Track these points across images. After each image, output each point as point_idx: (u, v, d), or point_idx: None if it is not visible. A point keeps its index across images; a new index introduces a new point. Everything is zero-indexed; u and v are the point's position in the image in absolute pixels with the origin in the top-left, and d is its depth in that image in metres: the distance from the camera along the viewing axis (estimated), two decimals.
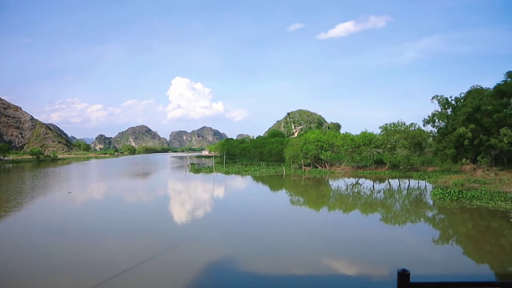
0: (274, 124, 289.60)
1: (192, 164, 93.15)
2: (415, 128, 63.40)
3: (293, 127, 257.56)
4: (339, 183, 49.50)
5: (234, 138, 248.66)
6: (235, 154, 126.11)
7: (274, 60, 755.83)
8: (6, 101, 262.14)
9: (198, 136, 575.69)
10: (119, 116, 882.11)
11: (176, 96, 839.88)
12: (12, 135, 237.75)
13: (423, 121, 57.97)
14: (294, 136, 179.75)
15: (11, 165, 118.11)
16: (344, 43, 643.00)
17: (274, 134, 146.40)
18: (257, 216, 26.47)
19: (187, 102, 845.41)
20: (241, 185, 49.97)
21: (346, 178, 55.60)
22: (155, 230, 21.65)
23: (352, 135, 69.78)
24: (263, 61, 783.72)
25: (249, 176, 59.06)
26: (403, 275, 3.07)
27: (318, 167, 68.92)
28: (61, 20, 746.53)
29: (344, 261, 15.77)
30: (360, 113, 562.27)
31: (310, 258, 15.97)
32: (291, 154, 71.70)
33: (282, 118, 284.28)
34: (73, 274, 13.85)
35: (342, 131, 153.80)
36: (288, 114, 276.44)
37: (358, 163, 67.38)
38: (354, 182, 50.42)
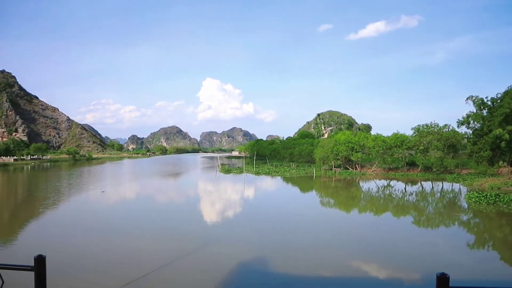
0: (304, 125, 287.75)
1: (222, 164, 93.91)
2: (449, 130, 61.53)
3: (323, 128, 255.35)
4: (370, 185, 48.70)
5: (264, 139, 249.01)
6: (265, 155, 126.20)
7: (304, 61, 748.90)
8: (45, 103, 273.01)
9: (228, 137, 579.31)
10: (151, 117, 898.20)
11: (206, 97, 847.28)
12: (50, 135, 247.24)
13: (457, 122, 56.32)
14: (324, 137, 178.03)
15: (49, 164, 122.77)
16: (374, 43, 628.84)
17: (304, 135, 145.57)
18: (287, 217, 26.36)
19: (218, 103, 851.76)
20: (271, 186, 49.99)
21: (377, 180, 54.64)
22: (186, 230, 21.96)
23: (383, 136, 68.36)
24: (292, 62, 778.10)
25: (279, 177, 59.00)
26: (442, 279, 2.98)
27: (348, 169, 68.08)
28: (94, 24, 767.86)
29: (375, 264, 15.49)
30: (391, 114, 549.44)
31: (340, 260, 15.81)
32: (321, 155, 71.12)
33: (312, 119, 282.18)
34: (106, 271, 14.27)
35: (373, 132, 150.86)
36: (318, 115, 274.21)
37: (389, 165, 65.97)
38: (386, 184, 49.48)
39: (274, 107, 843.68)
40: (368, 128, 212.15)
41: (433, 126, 62.63)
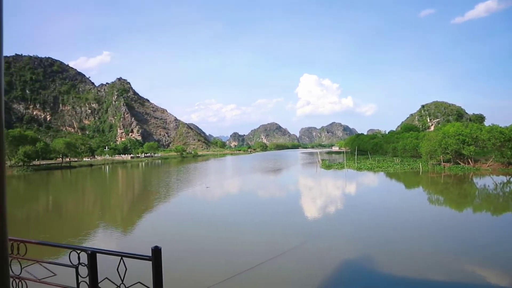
0: (407, 117, 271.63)
1: (322, 160, 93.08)
2: None
3: (428, 120, 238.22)
4: (486, 181, 44.08)
5: (365, 133, 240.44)
6: (366, 150, 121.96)
7: (405, 50, 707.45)
8: (155, 105, 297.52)
9: (327, 132, 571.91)
10: (251, 114, 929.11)
11: (304, 93, 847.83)
12: (160, 134, 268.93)
13: None
14: (430, 130, 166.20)
15: (160, 161, 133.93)
16: (485, 24, 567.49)
17: (407, 128, 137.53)
18: (391, 215, 25.08)
19: (316, 98, 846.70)
20: (373, 181, 48.17)
21: (495, 176, 49.27)
22: (287, 225, 22.16)
23: (500, 127, 61.32)
24: (392, 52, 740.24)
25: (382, 173, 56.56)
26: None
27: (460, 164, 62.44)
28: (193, 29, 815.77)
29: (494, 270, 13.95)
30: (508, 103, 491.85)
31: (451, 263, 14.48)
32: (427, 149, 66.38)
33: (415, 111, 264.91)
34: (213, 263, 15.06)
35: (486, 123, 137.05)
36: (423, 106, 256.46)
37: (509, 159, 59.13)
38: (505, 181, 44.48)
39: (375, 100, 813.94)
40: (480, 118, 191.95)
41: None
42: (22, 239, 4.96)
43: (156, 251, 3.94)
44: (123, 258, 4.18)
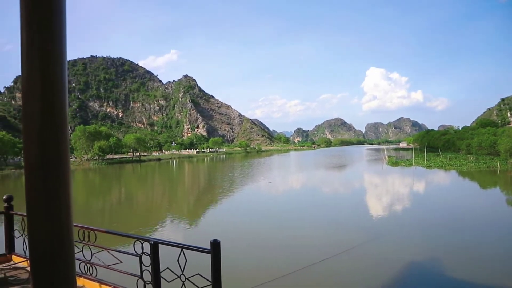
0: (484, 112, 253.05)
1: (389, 156, 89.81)
2: None
3: (508, 114, 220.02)
4: None
5: (435, 129, 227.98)
6: (437, 147, 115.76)
7: (478, 38, 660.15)
8: (220, 101, 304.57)
9: (394, 128, 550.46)
10: (315, 110, 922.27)
11: (371, 87, 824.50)
12: (224, 130, 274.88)
13: None
14: (510, 125, 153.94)
15: (224, 156, 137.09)
16: None
17: (484, 123, 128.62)
18: (463, 217, 23.36)
19: (383, 92, 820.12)
20: (444, 180, 45.44)
21: None
22: (350, 223, 21.67)
23: None
24: (465, 41, 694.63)
25: (454, 171, 53.22)
26: None
27: None
28: (257, 25, 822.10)
29: None
30: None
31: None
32: (507, 146, 61.48)
33: (494, 105, 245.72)
34: (273, 258, 15.09)
35: None
36: (502, 100, 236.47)
37: None
38: None
39: (447, 94, 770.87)
40: None
41: None
42: (92, 227, 5.32)
43: (215, 244, 4.05)
44: (184, 249, 4.34)
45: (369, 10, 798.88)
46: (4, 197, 6.81)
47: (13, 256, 6.75)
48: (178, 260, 4.33)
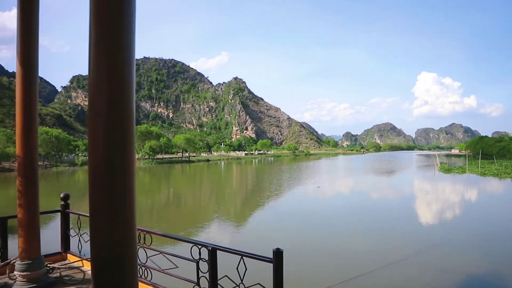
0: None
1: (441, 163, 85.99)
2: None
3: None
4: None
5: (489, 135, 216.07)
6: (491, 154, 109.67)
7: None
8: (269, 104, 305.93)
9: (446, 134, 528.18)
10: (365, 114, 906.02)
11: (422, 92, 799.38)
12: (273, 132, 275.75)
13: None
14: None
15: (272, 158, 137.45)
16: None
17: None
18: None
19: (435, 97, 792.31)
20: (501, 189, 42.67)
21: None
22: (403, 230, 20.73)
23: None
24: None
25: (510, 180, 49.87)
26: None
27: None
28: (307, 27, 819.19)
29: None
30: None
31: None
32: None
33: None
34: (322, 266, 14.66)
35: None
36: None
37: None
38: None
39: (502, 100, 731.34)
40: None
41: None
42: (149, 230, 5.30)
43: (278, 253, 3.85)
44: (243, 257, 4.17)
45: (421, 13, 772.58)
46: (61, 195, 6.97)
47: (68, 255, 6.87)
48: (237, 268, 4.13)
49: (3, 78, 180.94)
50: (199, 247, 4.56)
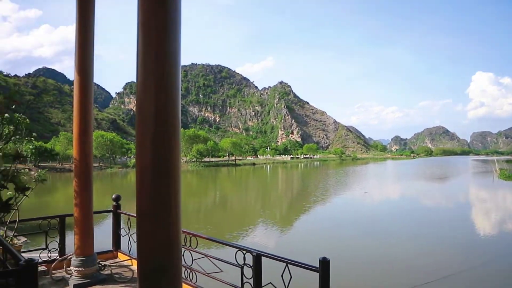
0: None
1: (500, 169, 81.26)
2: None
3: None
4: None
5: None
6: None
7: None
8: (314, 107, 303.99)
9: (506, 137, 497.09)
10: (414, 117, 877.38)
11: (477, 93, 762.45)
12: (319, 136, 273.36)
13: None
14: None
15: (318, 162, 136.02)
16: None
17: None
18: None
19: (492, 99, 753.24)
20: None
21: None
22: (455, 242, 19.77)
23: None
24: None
25: None
26: None
27: None
28: (350, 29, 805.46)
29: None
30: None
31: None
32: None
33: None
34: (373, 276, 14.29)
35: None
36: None
37: None
38: None
39: None
40: None
41: None
42: (194, 232, 5.41)
43: (325, 262, 3.76)
44: (288, 265, 4.11)
45: (474, 9, 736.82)
46: (113, 197, 7.34)
47: (119, 253, 7.19)
48: (282, 276, 4.07)
49: (65, 86, 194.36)
50: (244, 252, 4.58)
